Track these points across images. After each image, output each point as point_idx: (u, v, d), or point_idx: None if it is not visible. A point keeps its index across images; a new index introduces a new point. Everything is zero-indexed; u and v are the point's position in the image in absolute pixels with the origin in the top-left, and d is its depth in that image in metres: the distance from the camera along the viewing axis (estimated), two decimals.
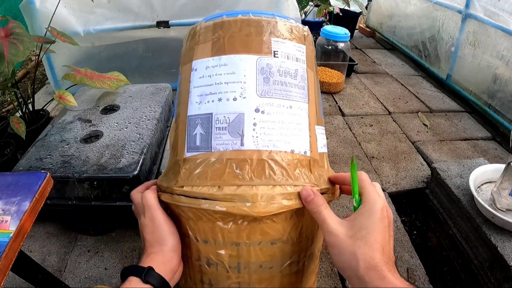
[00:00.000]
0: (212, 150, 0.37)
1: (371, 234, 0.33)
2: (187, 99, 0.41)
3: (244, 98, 0.38)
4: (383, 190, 0.99)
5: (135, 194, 0.42)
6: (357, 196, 0.37)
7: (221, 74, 0.39)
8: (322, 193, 0.37)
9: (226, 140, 0.37)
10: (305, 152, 0.39)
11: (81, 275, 0.72)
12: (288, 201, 0.36)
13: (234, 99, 0.38)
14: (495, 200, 0.76)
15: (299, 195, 0.37)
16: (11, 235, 0.37)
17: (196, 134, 0.38)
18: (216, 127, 0.37)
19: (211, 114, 0.38)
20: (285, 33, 0.42)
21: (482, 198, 0.77)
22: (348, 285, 0.73)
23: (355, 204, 0.37)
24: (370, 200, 0.35)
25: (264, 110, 0.38)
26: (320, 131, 0.42)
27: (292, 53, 0.41)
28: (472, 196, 0.81)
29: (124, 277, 0.35)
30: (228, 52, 0.40)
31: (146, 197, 0.39)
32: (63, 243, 0.79)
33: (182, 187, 0.37)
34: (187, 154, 0.38)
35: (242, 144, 0.36)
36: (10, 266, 0.37)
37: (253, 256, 0.37)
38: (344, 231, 0.34)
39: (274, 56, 0.40)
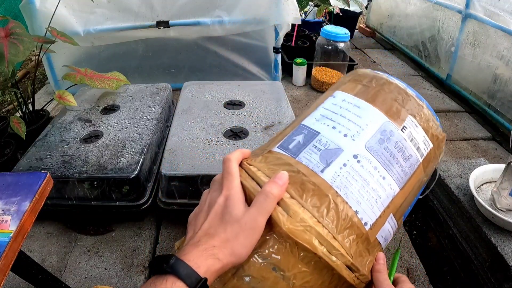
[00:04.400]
0: (297, 158, 0.38)
1: None
2: (311, 112, 0.44)
3: (353, 140, 0.39)
4: None
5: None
6: (391, 277, 0.39)
7: (349, 111, 0.42)
8: (349, 268, 0.35)
9: (313, 159, 0.38)
10: (365, 224, 0.37)
11: (81, 275, 0.72)
12: (318, 244, 0.33)
13: (345, 135, 0.39)
14: (495, 200, 0.76)
15: (328, 253, 0.34)
16: (11, 235, 0.37)
17: (295, 139, 0.41)
18: (314, 145, 0.39)
19: (319, 133, 0.40)
20: (423, 121, 0.43)
21: (482, 198, 0.77)
22: None
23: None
24: None
25: (360, 160, 0.38)
26: (391, 223, 0.41)
27: (418, 140, 0.42)
28: (472, 196, 0.80)
29: (158, 267, 0.29)
30: (368, 100, 0.43)
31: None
32: (63, 243, 0.79)
33: (250, 165, 0.39)
34: (276, 149, 0.41)
35: (322, 171, 0.37)
36: (10, 266, 0.37)
37: (251, 265, 0.35)
38: None
39: (401, 130, 0.41)
